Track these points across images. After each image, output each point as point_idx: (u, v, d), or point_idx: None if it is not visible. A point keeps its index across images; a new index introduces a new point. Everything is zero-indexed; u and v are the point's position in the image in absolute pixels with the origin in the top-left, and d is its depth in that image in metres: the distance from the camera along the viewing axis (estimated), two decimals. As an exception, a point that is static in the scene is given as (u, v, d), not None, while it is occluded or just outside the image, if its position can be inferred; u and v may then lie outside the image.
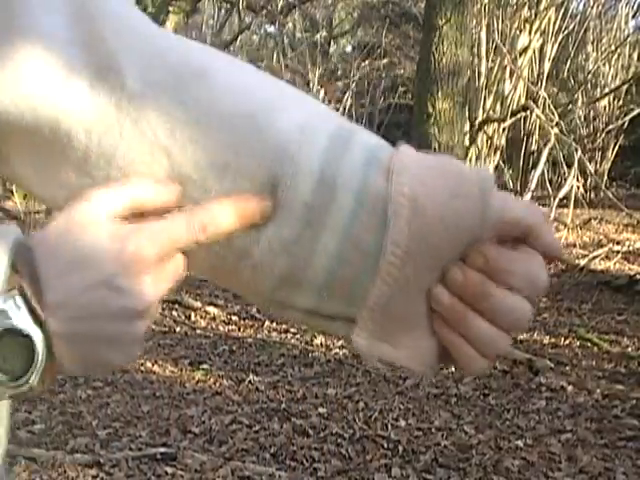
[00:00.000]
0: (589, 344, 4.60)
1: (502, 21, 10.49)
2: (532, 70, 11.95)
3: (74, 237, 0.42)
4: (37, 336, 0.40)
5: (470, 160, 9.45)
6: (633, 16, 14.19)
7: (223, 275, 0.50)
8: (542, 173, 6.76)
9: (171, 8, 12.02)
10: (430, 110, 5.28)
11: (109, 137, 0.46)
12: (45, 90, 0.45)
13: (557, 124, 6.51)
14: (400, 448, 3.01)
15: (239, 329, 4.92)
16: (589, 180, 11.54)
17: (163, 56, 0.47)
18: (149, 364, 4.04)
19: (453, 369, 4.01)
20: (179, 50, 0.48)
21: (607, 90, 12.98)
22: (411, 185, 0.44)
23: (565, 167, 6.74)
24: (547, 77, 12.21)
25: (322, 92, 14.17)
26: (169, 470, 2.73)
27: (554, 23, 11.27)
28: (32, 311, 0.40)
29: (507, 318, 0.45)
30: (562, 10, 11.29)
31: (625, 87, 12.85)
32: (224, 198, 0.45)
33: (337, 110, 14.32)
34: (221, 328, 4.92)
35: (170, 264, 0.45)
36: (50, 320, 0.41)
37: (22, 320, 0.40)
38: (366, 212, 0.45)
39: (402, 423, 3.28)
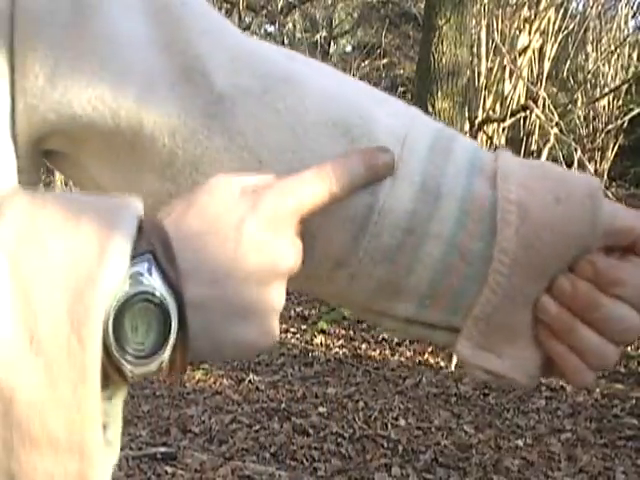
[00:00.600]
0: (589, 344, 4.60)
1: (502, 21, 10.48)
2: (532, 70, 11.94)
3: (202, 203, 0.39)
4: (171, 304, 0.36)
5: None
6: (633, 16, 14.18)
7: (317, 284, 0.48)
8: (542, 173, 6.74)
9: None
10: (430, 110, 5.28)
11: (195, 141, 0.45)
12: (127, 92, 0.44)
13: (557, 124, 6.51)
14: (400, 448, 3.01)
15: (239, 329, 4.92)
16: (589, 180, 11.53)
17: (248, 59, 0.46)
18: (149, 364, 4.04)
19: (453, 368, 4.02)
20: (262, 53, 0.47)
21: (607, 90, 12.99)
22: (517, 191, 0.44)
23: (565, 167, 6.73)
24: (547, 77, 12.21)
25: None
26: (169, 469, 2.74)
27: (554, 23, 11.26)
28: (165, 276, 0.36)
29: (617, 328, 0.44)
30: (562, 10, 11.28)
31: (625, 87, 12.85)
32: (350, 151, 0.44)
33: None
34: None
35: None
36: (184, 286, 0.36)
37: (155, 284, 0.35)
38: (472, 220, 0.44)
39: (402, 423, 3.28)
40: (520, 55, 10.07)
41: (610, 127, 13.23)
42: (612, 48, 13.44)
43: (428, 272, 0.45)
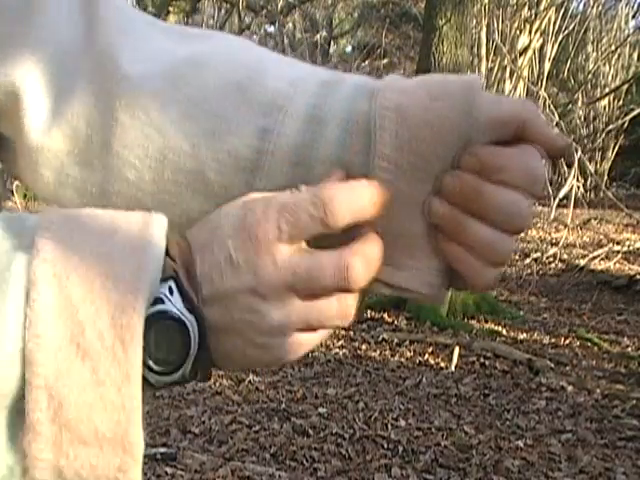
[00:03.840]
0: (589, 344, 4.60)
1: (502, 21, 10.49)
2: (532, 70, 11.95)
3: (224, 233, 0.40)
4: (191, 323, 0.38)
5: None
6: (633, 16, 14.20)
7: None
8: (542, 173, 6.74)
9: (171, 8, 12.03)
10: (430, 110, 5.29)
11: (106, 123, 0.47)
12: (45, 87, 0.47)
13: (557, 124, 6.51)
14: (400, 448, 3.01)
15: (239, 329, 4.92)
16: (589, 180, 11.55)
17: (153, 45, 0.49)
18: (149, 364, 4.04)
19: (453, 369, 4.02)
20: (172, 37, 0.50)
21: (607, 90, 12.99)
22: (395, 97, 0.43)
23: (565, 167, 6.75)
24: (547, 77, 12.22)
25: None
26: (169, 470, 2.73)
27: (554, 23, 11.28)
28: (186, 298, 0.39)
29: (504, 214, 0.42)
30: (562, 10, 11.29)
31: (625, 87, 12.86)
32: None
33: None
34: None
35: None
36: (204, 309, 0.39)
37: (175, 305, 0.38)
38: (354, 137, 0.44)
39: (402, 423, 3.28)
40: (520, 55, 10.07)
41: (610, 127, 13.23)
42: (612, 48, 13.45)
43: None
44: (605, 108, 13.56)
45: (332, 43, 17.97)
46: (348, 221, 0.40)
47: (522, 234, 0.47)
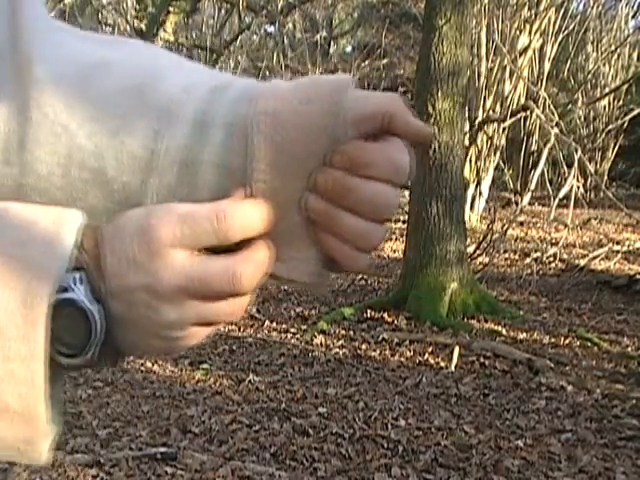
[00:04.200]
0: (589, 344, 4.60)
1: (502, 21, 10.49)
2: (532, 70, 11.95)
3: (128, 236, 0.43)
4: (95, 312, 0.42)
5: (470, 160, 9.46)
6: (633, 16, 14.19)
7: None
8: (542, 173, 6.76)
9: (171, 8, 12.01)
10: (430, 110, 5.28)
11: (21, 122, 0.51)
12: None
13: (557, 124, 6.51)
14: (400, 448, 3.01)
15: (239, 329, 4.92)
16: (589, 180, 11.54)
17: (66, 50, 0.54)
18: (149, 364, 4.04)
19: (452, 369, 4.02)
20: (87, 43, 0.55)
21: (607, 90, 12.99)
22: (272, 103, 0.46)
23: (565, 167, 6.74)
24: (547, 77, 12.22)
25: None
26: (169, 470, 2.73)
27: (554, 23, 11.27)
28: (93, 288, 0.42)
29: (370, 206, 0.46)
30: (562, 10, 11.29)
31: (625, 87, 12.86)
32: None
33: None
34: (221, 328, 4.92)
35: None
36: (111, 302, 0.43)
37: (81, 295, 0.42)
38: (235, 139, 0.47)
39: (402, 423, 3.28)
40: (520, 55, 10.07)
41: (610, 127, 13.23)
42: (612, 48, 13.45)
43: (210, 198, 0.48)
44: (605, 108, 13.55)
45: (332, 43, 17.97)
46: (240, 237, 0.44)
47: (522, 234, 0.49)
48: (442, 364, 4.16)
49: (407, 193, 5.73)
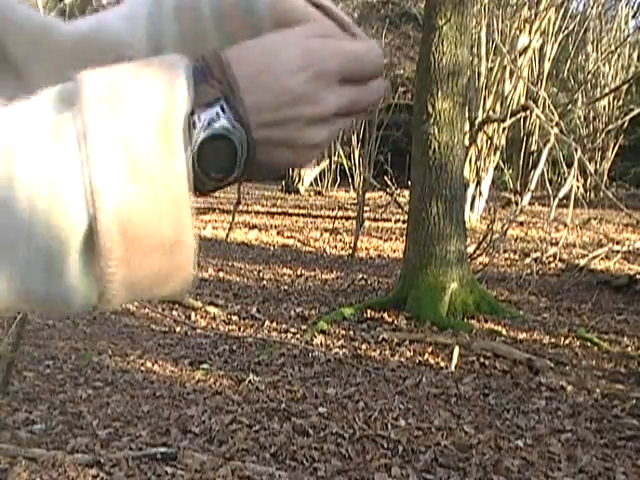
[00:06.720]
0: (589, 344, 4.60)
1: (502, 21, 10.49)
2: (532, 70, 11.95)
3: (266, 47, 0.47)
4: (240, 133, 0.45)
5: (470, 160, 9.45)
6: (633, 16, 14.19)
7: None
8: (542, 173, 6.75)
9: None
10: (430, 110, 5.27)
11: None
12: None
13: (557, 124, 6.50)
14: (400, 448, 3.01)
15: (239, 329, 4.92)
16: (589, 180, 11.54)
17: (31, 25, 0.59)
18: (149, 364, 4.04)
19: (452, 369, 4.01)
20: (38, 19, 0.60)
21: (607, 90, 12.99)
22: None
23: (565, 167, 6.74)
24: (547, 77, 12.22)
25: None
26: (169, 470, 2.73)
27: (554, 23, 11.27)
28: (236, 113, 0.45)
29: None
30: (562, 10, 11.29)
31: (625, 87, 12.86)
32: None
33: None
34: (221, 328, 4.92)
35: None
36: (251, 121, 0.45)
37: (227, 121, 0.44)
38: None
39: (402, 423, 3.27)
40: (520, 55, 10.07)
41: (610, 127, 13.23)
42: (612, 48, 13.45)
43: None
44: (605, 108, 13.55)
45: (332, 43, 17.94)
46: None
47: (522, 234, 0.49)
48: (442, 364, 4.15)
49: (407, 193, 5.71)
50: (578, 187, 6.42)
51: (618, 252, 7.22)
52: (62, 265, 0.41)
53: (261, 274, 6.83)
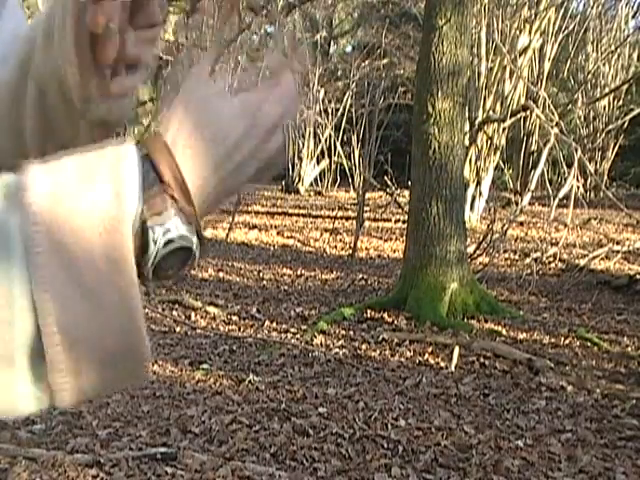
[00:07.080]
0: (589, 344, 4.60)
1: (502, 21, 10.49)
2: (532, 70, 11.95)
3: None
4: (194, 237, 0.47)
5: (470, 160, 9.45)
6: (633, 16, 14.19)
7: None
8: (542, 173, 6.76)
9: (171, 8, 12.01)
10: (430, 110, 5.27)
11: None
12: None
13: (557, 124, 6.50)
14: (400, 448, 3.01)
15: (239, 329, 4.92)
16: (589, 180, 11.54)
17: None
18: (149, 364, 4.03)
19: (452, 369, 4.01)
20: None
21: (607, 90, 12.99)
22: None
23: (565, 167, 6.74)
24: (547, 77, 12.22)
25: (322, 92, 14.16)
26: (169, 470, 2.73)
27: (554, 23, 11.27)
28: (187, 216, 0.46)
29: None
30: (562, 10, 11.29)
31: (625, 87, 12.86)
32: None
33: (337, 110, 14.33)
34: (221, 328, 4.92)
35: None
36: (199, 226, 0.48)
37: (183, 229, 0.46)
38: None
39: (402, 423, 3.27)
40: (520, 55, 10.07)
41: (610, 127, 13.23)
42: (612, 48, 13.44)
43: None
44: (605, 108, 13.55)
45: (332, 43, 17.97)
46: None
47: (522, 234, 0.49)
48: (442, 364, 4.15)
49: (407, 193, 5.71)
50: (578, 187, 6.42)
51: (618, 252, 7.22)
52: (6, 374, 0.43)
53: (261, 274, 6.83)
